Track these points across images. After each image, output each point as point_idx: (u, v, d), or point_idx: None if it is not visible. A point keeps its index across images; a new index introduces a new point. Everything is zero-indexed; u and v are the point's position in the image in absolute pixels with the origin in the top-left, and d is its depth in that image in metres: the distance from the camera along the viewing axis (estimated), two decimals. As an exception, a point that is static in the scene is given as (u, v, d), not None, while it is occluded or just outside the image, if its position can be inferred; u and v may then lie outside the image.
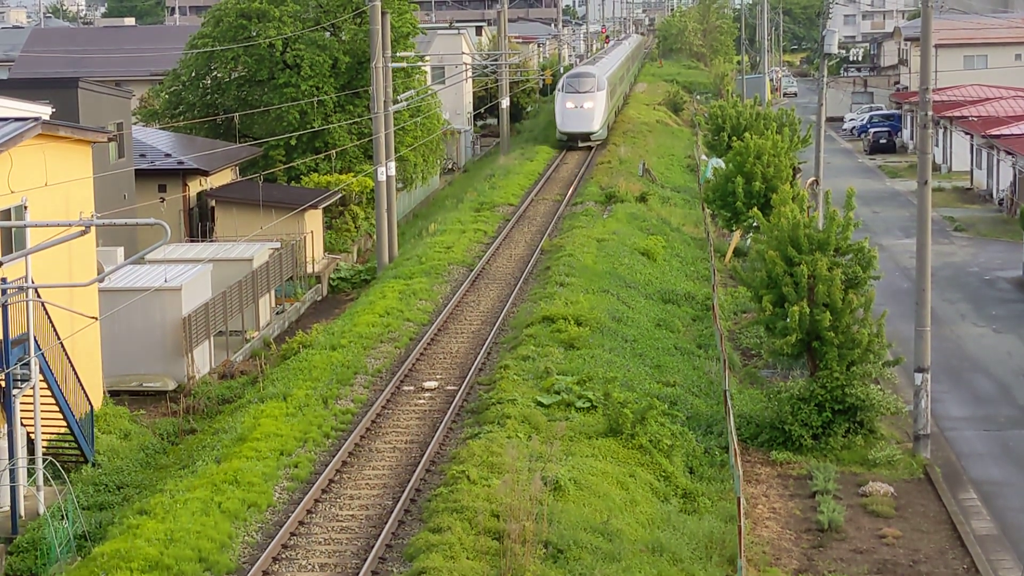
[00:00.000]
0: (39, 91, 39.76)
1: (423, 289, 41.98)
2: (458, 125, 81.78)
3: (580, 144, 77.35)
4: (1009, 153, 62.24)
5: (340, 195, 52.74)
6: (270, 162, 56.91)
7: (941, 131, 78.49)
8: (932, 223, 31.09)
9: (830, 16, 59.40)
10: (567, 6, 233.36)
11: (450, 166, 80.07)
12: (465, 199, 61.12)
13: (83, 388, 29.47)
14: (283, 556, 22.47)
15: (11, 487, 25.68)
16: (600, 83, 77.61)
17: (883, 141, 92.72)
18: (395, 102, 52.59)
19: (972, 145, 72.36)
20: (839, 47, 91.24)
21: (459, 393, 31.09)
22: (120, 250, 38.61)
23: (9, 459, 25.91)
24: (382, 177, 49.13)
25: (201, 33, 61.42)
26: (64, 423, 28.35)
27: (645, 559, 22.08)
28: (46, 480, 26.29)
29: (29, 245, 27.56)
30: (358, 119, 58.23)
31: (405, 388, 32.29)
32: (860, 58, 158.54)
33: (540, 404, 29.39)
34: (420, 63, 65.93)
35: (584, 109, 76.74)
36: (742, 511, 23.06)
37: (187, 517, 23.11)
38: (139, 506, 24.17)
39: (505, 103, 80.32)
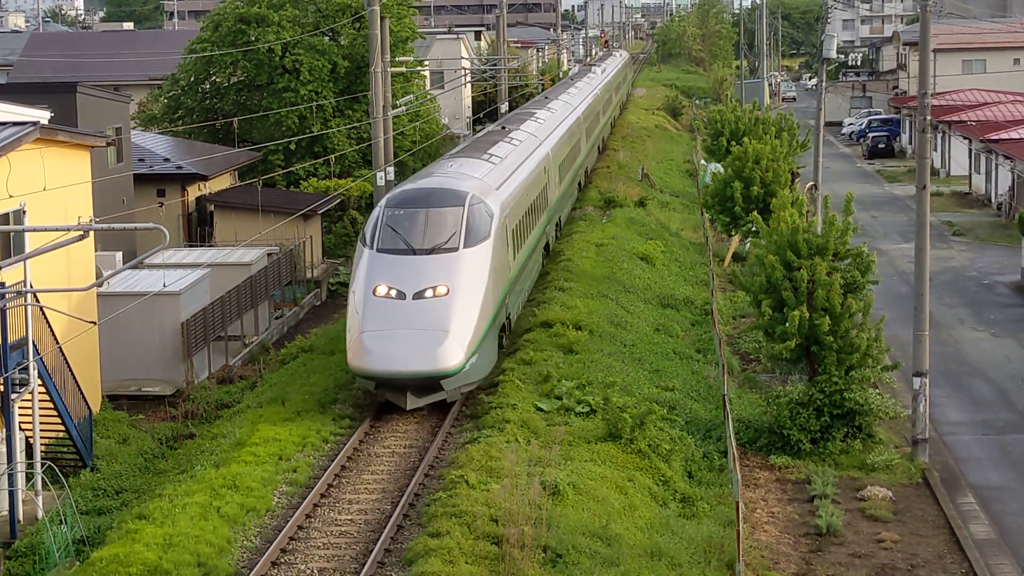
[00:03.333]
0: (38, 95, 39.77)
1: (422, 294, 41.76)
2: (457, 129, 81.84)
3: (411, 405, 29.35)
4: (1007, 157, 62.26)
5: (339, 200, 52.74)
6: (269, 167, 56.97)
7: (940, 136, 78.52)
8: (931, 228, 31.10)
9: (829, 21, 59.46)
10: (566, 11, 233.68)
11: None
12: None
13: (82, 392, 29.46)
14: (282, 561, 22.46)
15: (9, 491, 25.67)
16: (477, 219, 30.99)
17: (882, 146, 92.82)
18: (394, 107, 52.64)
19: (971, 150, 72.38)
20: (838, 52, 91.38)
21: (458, 398, 31.02)
22: (119, 255, 38.65)
23: (8, 463, 25.90)
24: (381, 182, 49.08)
25: (200, 38, 61.50)
26: (63, 427, 28.35)
27: (644, 563, 22.08)
28: (44, 484, 26.27)
29: (28, 249, 27.58)
30: (357, 124, 58.24)
31: (404, 393, 31.93)
32: (859, 63, 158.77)
33: (539, 409, 29.38)
34: (419, 68, 65.96)
35: (424, 304, 29.28)
36: (741, 515, 23.05)
37: (186, 522, 23.10)
38: (138, 511, 24.16)
39: (504, 107, 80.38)
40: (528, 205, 38.28)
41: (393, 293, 29.34)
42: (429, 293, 29.33)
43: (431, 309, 29.07)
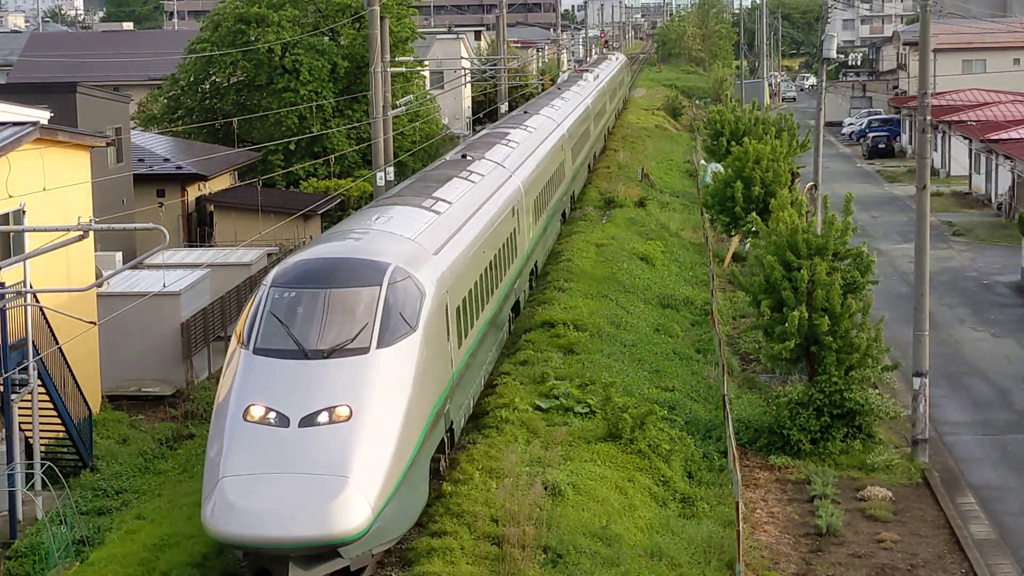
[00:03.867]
0: (37, 96, 39.80)
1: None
2: (457, 130, 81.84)
3: None
4: (1008, 157, 62.27)
5: (339, 200, 52.75)
6: (269, 167, 57.01)
7: (940, 136, 78.54)
8: (931, 228, 31.10)
9: (829, 21, 59.48)
10: (566, 11, 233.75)
11: (449, 171, 79.94)
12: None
13: (81, 393, 29.45)
14: (281, 561, 22.35)
15: (9, 492, 25.68)
16: (400, 302, 21.51)
17: (882, 146, 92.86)
18: (394, 107, 52.67)
19: (971, 150, 72.40)
20: (838, 52, 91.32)
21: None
22: (118, 255, 38.64)
23: (8, 463, 25.90)
24: (381, 182, 49.09)
25: (200, 38, 61.57)
26: (63, 428, 28.34)
27: (644, 564, 22.09)
28: (44, 485, 26.28)
29: (28, 249, 27.57)
30: (357, 124, 58.27)
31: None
32: (859, 63, 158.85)
33: (539, 409, 29.37)
34: (419, 68, 65.98)
35: (315, 434, 19.48)
36: (740, 516, 23.06)
37: (184, 522, 23.10)
38: (137, 511, 24.17)
39: (504, 107, 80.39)
40: (486, 264, 29.29)
41: (272, 417, 19.63)
42: (324, 417, 19.62)
43: (325, 442, 19.38)
